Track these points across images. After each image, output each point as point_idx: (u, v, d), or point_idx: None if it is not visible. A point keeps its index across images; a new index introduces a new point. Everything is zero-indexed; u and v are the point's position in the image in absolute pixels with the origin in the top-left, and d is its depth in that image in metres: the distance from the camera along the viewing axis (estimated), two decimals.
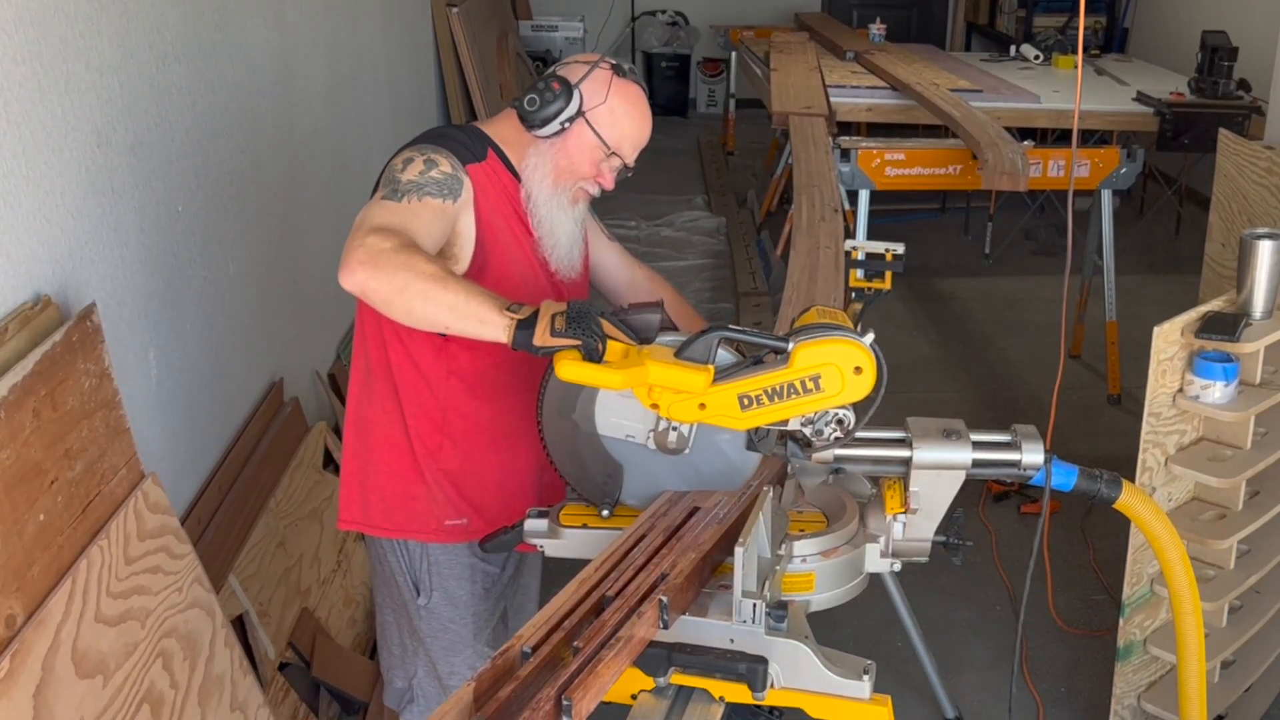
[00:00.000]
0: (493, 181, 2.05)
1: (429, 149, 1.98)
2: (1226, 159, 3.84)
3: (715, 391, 1.64)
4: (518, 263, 2.07)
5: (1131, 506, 1.80)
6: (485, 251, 2.02)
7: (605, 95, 2.04)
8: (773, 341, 1.64)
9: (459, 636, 2.27)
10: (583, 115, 2.03)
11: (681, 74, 9.90)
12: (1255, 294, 2.66)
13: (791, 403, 1.63)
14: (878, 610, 3.15)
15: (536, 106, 2.00)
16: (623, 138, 2.07)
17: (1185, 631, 1.96)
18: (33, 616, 1.84)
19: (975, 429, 1.75)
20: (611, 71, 2.06)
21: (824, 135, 4.63)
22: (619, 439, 1.78)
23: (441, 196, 1.93)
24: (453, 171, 1.97)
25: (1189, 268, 5.49)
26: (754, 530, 1.55)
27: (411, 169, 1.93)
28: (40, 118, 2.10)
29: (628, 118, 2.06)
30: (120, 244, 2.41)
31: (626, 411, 1.75)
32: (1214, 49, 5.39)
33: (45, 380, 1.94)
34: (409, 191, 1.89)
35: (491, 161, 2.06)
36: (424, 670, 2.32)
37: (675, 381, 1.63)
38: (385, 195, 1.89)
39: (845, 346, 1.61)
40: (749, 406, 1.64)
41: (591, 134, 2.04)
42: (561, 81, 2.01)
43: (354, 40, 4.49)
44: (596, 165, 2.07)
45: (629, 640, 1.38)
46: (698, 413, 1.65)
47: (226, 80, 3.05)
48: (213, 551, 2.63)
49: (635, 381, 1.64)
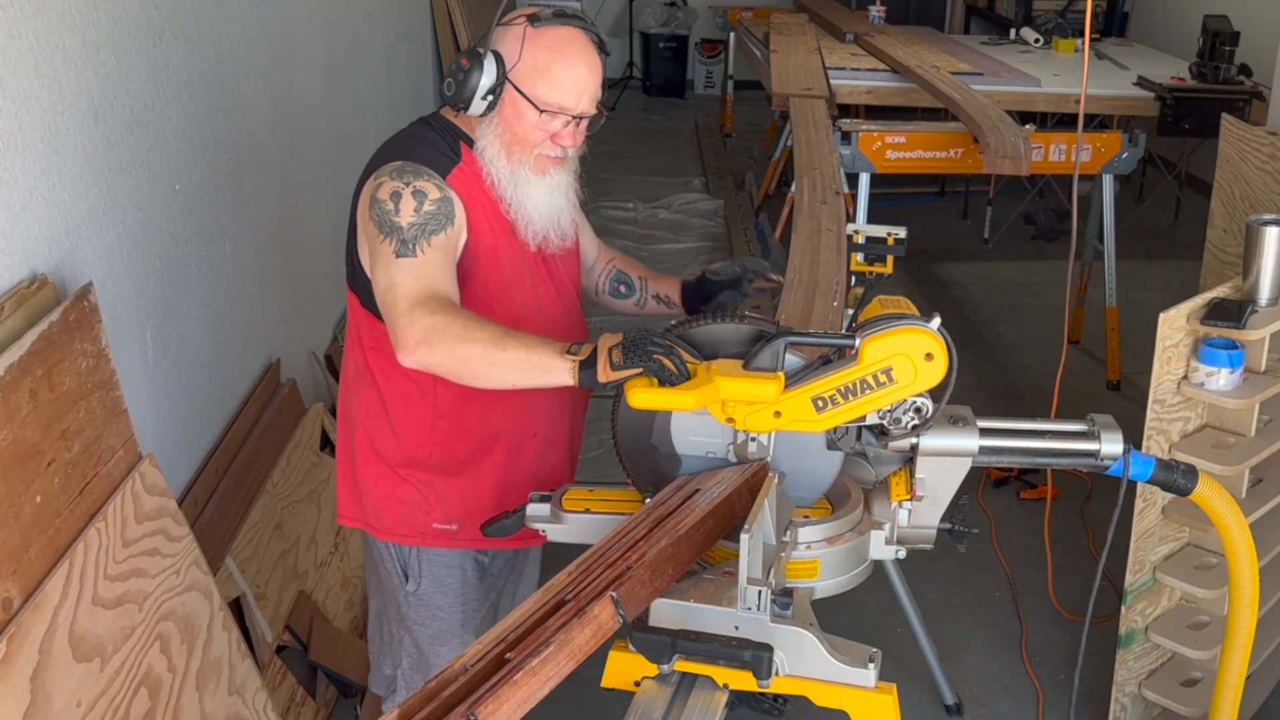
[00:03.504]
0: (470, 181, 1.95)
1: (410, 173, 1.88)
2: (1229, 144, 3.82)
3: (789, 398, 1.63)
4: (503, 249, 1.99)
5: (1207, 498, 1.80)
6: (471, 256, 1.95)
7: (519, 51, 1.88)
8: (839, 340, 1.64)
9: (446, 625, 2.21)
10: (507, 81, 1.89)
11: (679, 55, 9.85)
12: (1261, 280, 2.65)
13: (866, 398, 1.62)
14: (876, 595, 3.14)
15: (455, 90, 1.89)
16: (555, 89, 1.89)
17: (1237, 627, 1.96)
18: (29, 599, 1.83)
19: (1048, 420, 1.76)
20: (526, 23, 1.89)
21: (825, 117, 4.60)
22: (700, 457, 1.76)
23: (443, 229, 1.86)
24: (441, 194, 1.88)
25: (1188, 253, 5.49)
26: (759, 517, 1.53)
27: (405, 208, 1.84)
28: (36, 94, 2.07)
29: (554, 68, 1.89)
30: (117, 222, 2.38)
31: (703, 429, 1.74)
32: (1215, 33, 5.37)
33: (42, 360, 1.92)
34: (416, 239, 1.82)
35: (465, 158, 1.96)
36: (409, 659, 2.27)
37: (747, 394, 1.62)
38: (396, 250, 1.82)
39: (913, 335, 1.60)
40: (824, 408, 1.63)
41: (521, 98, 1.89)
42: (471, 55, 1.88)
43: (351, 17, 4.46)
44: (542, 128, 1.92)
45: (565, 645, 1.33)
46: (774, 421, 1.65)
47: (224, 57, 3.02)
48: (210, 533, 2.62)
49: (707, 400, 1.63)
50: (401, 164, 1.90)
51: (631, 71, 9.97)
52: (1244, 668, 2.02)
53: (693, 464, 1.77)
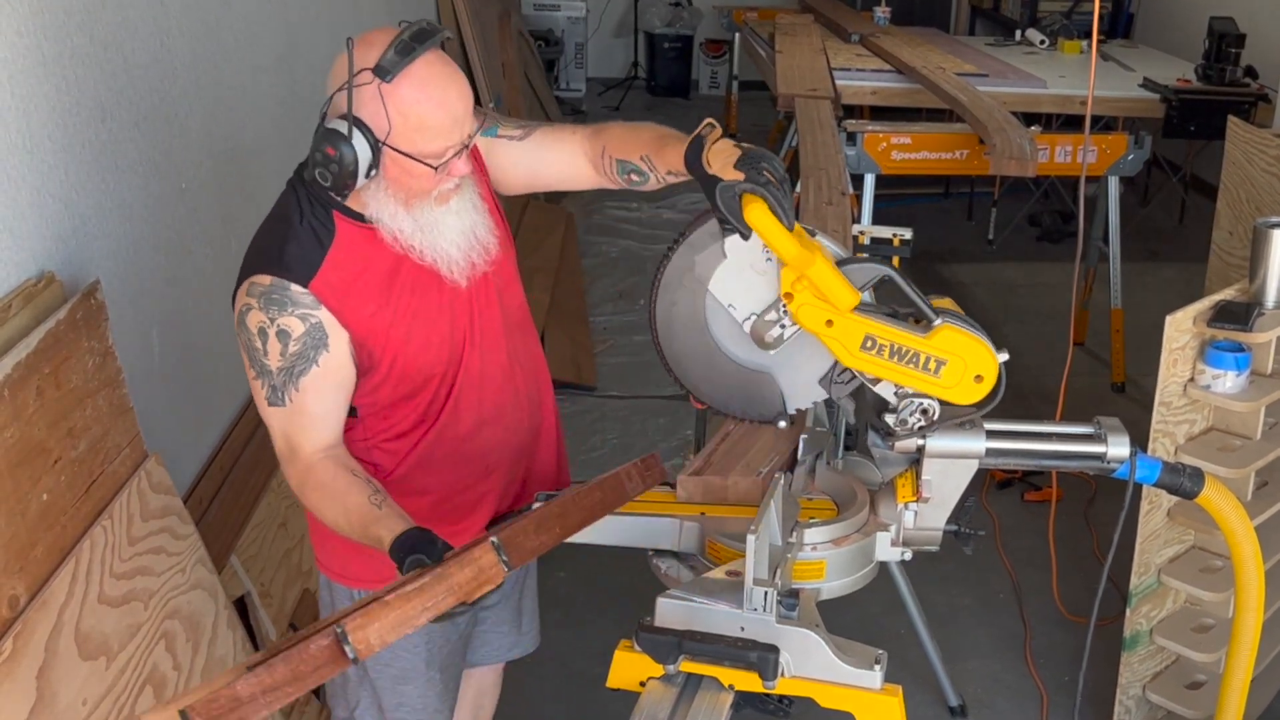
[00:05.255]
0: (351, 256, 1.79)
1: (275, 304, 1.75)
2: (1235, 146, 3.81)
3: (850, 318, 1.62)
4: (412, 307, 1.85)
5: (1213, 501, 1.79)
6: (365, 345, 1.82)
7: (385, 115, 1.69)
8: (926, 307, 1.63)
9: (410, 665, 2.07)
10: (382, 147, 1.71)
11: (684, 55, 9.83)
12: (1267, 283, 2.64)
13: (905, 370, 1.63)
14: (880, 596, 3.13)
15: (331, 180, 1.71)
16: (436, 136, 1.72)
17: (1242, 629, 1.95)
18: (36, 597, 1.83)
19: (1054, 422, 1.76)
20: (376, 80, 1.67)
21: (830, 118, 4.60)
22: (725, 312, 1.72)
23: (311, 365, 1.77)
24: (306, 327, 1.76)
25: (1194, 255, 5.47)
26: (765, 518, 1.54)
27: (272, 350, 1.76)
28: (44, 92, 2.07)
29: (427, 117, 1.70)
30: (124, 220, 2.38)
31: (747, 285, 1.70)
32: (1221, 35, 5.35)
33: (49, 358, 1.92)
34: (284, 386, 1.77)
35: (340, 233, 1.79)
36: (367, 700, 2.13)
37: (830, 287, 1.60)
38: (268, 396, 1.78)
39: (983, 351, 1.62)
40: (869, 349, 1.63)
41: (405, 159, 1.72)
42: (330, 137, 1.69)
43: (357, 15, 4.46)
44: (433, 176, 1.75)
45: (443, 578, 1.43)
46: (821, 326, 1.63)
47: (230, 55, 3.02)
48: (214, 532, 2.62)
49: (801, 262, 1.59)
50: (270, 284, 1.76)
51: (636, 72, 9.97)
52: (1249, 671, 2.02)
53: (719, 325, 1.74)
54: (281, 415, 1.79)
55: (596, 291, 5.74)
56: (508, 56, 6.97)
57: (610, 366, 4.99)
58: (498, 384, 1.97)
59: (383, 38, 1.69)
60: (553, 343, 4.86)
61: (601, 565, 3.50)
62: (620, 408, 4.66)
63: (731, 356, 1.76)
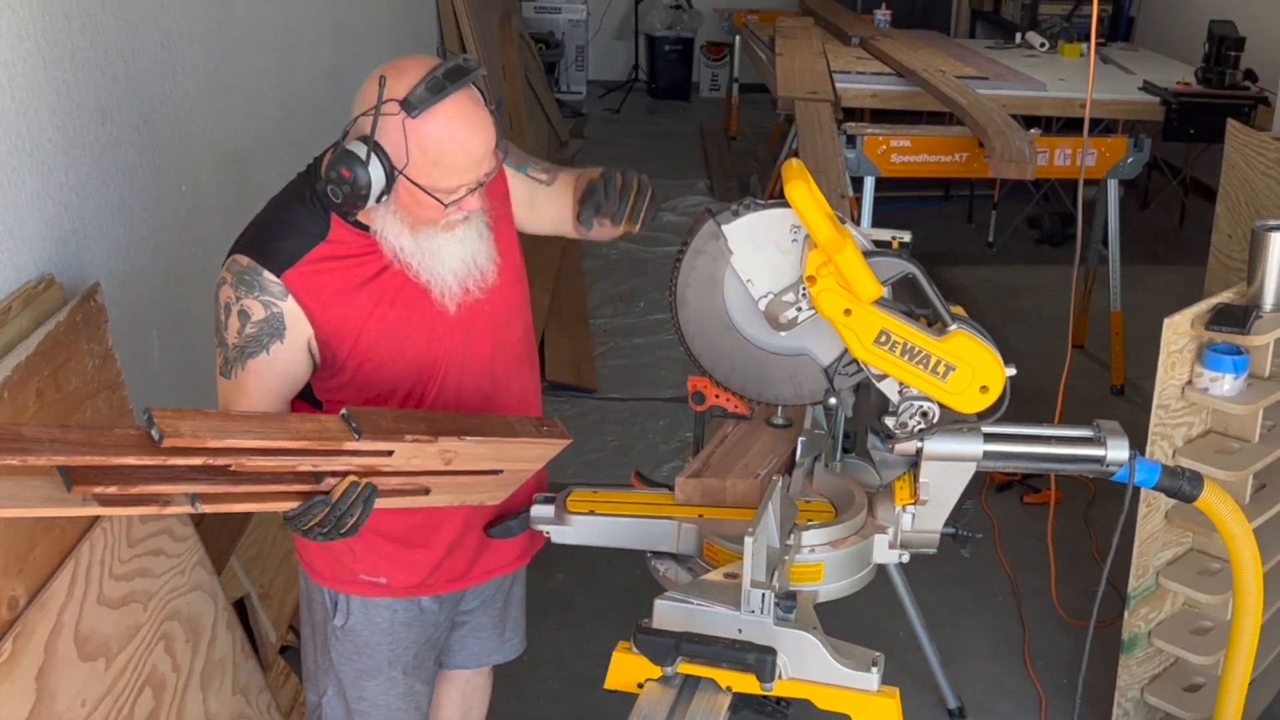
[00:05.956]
0: (336, 255, 1.82)
1: (244, 286, 1.80)
2: (1234, 150, 3.82)
3: (869, 310, 1.62)
4: (389, 318, 1.86)
5: (1212, 505, 1.80)
6: (329, 344, 1.84)
7: (404, 147, 1.71)
8: (944, 310, 1.64)
9: (373, 662, 2.11)
10: (399, 175, 1.73)
11: (685, 57, 9.83)
12: (1266, 286, 2.65)
13: (914, 370, 1.63)
14: (879, 598, 3.14)
15: (342, 199, 1.73)
16: (453, 174, 1.74)
17: (1240, 632, 1.96)
18: (35, 599, 1.83)
19: (1053, 425, 1.76)
20: (403, 113, 1.69)
21: (830, 120, 4.60)
22: (740, 291, 1.72)
23: (261, 351, 1.81)
24: (266, 314, 1.79)
25: (1193, 258, 5.47)
26: (763, 520, 1.54)
27: (231, 326, 1.81)
28: (45, 94, 2.08)
29: (446, 156, 1.72)
30: (124, 223, 2.39)
31: (767, 262, 1.69)
32: (1221, 38, 5.36)
33: (49, 360, 1.92)
34: (234, 361, 1.82)
35: (333, 234, 1.82)
36: (333, 690, 2.17)
37: (856, 275, 1.60)
38: (221, 367, 1.85)
39: (993, 361, 1.62)
40: (881, 344, 1.63)
41: (418, 190, 1.74)
42: (347, 159, 1.70)
43: (357, 19, 4.46)
44: (443, 209, 1.77)
45: (283, 419, 1.49)
46: (839, 315, 1.63)
47: (231, 58, 3.03)
48: (214, 533, 2.62)
49: (833, 246, 1.59)
50: (247, 265, 1.80)
51: (637, 74, 9.98)
52: (1247, 673, 2.02)
53: (734, 298, 1.73)
54: (226, 387, 1.87)
55: (597, 294, 5.74)
56: (508, 59, 6.98)
57: (610, 369, 5.00)
58: (474, 410, 1.96)
59: (416, 69, 1.71)
60: (553, 345, 4.86)
61: (600, 567, 3.50)
62: (620, 410, 4.66)
63: (739, 330, 1.75)
